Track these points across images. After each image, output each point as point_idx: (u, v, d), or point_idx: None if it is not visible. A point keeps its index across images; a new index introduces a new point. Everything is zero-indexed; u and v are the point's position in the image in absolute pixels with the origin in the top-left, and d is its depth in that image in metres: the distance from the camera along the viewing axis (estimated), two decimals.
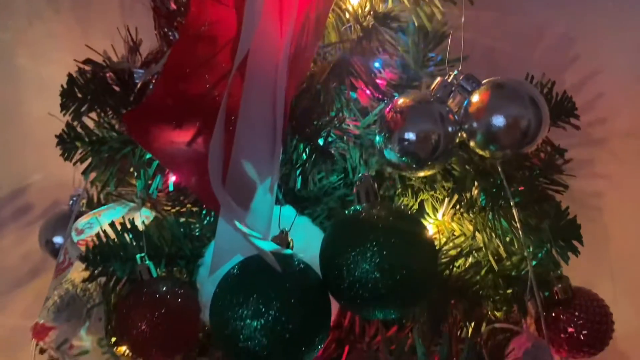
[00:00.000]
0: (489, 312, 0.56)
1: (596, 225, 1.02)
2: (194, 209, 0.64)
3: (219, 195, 0.47)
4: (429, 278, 0.45)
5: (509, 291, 0.55)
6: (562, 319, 0.57)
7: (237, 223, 0.46)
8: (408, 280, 0.43)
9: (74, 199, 0.73)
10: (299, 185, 0.53)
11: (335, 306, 0.48)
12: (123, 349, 0.54)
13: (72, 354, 0.52)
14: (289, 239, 0.49)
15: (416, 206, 0.59)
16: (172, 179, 0.59)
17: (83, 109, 0.62)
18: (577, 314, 0.56)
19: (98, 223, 0.65)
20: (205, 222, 0.63)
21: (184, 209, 0.64)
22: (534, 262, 0.55)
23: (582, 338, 0.56)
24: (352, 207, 0.46)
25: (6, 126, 1.13)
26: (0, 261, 1.15)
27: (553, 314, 0.57)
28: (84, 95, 0.62)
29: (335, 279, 0.44)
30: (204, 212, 0.66)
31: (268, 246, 0.46)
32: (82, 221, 0.66)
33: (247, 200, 0.49)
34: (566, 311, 0.57)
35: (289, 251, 0.47)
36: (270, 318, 0.42)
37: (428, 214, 0.59)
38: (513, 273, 0.57)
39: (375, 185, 0.47)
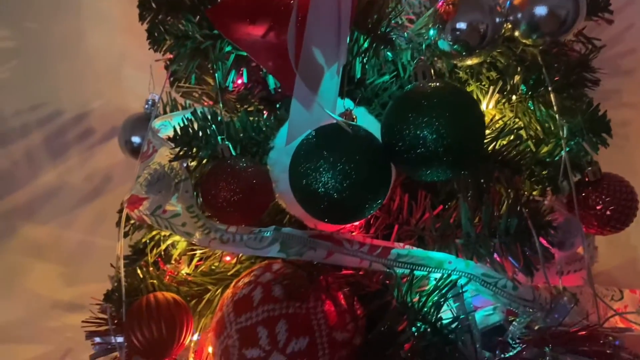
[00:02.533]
0: (526, 192, 0.63)
1: (623, 153, 1.07)
2: (260, 107, 0.72)
3: (294, 75, 0.54)
4: (477, 143, 0.52)
5: (544, 173, 0.62)
6: (591, 198, 0.64)
7: (309, 98, 0.54)
8: (459, 143, 0.50)
9: (150, 102, 0.81)
10: (358, 74, 0.60)
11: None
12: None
13: (165, 217, 0.61)
14: (354, 115, 0.56)
15: None
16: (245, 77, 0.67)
17: (159, 18, 0.70)
18: (605, 193, 0.63)
19: (170, 125, 0.74)
20: (269, 121, 0.71)
21: (251, 108, 0.72)
22: (567, 148, 0.62)
23: (609, 214, 0.63)
24: (412, 84, 0.54)
25: (69, 56, 1.21)
26: (66, 180, 1.25)
27: (583, 194, 0.64)
28: (158, 5, 0.70)
29: (395, 143, 0.51)
30: (267, 114, 0.74)
31: (338, 118, 0.54)
32: (157, 122, 0.74)
33: (317, 82, 0.57)
34: (595, 191, 0.64)
35: (354, 123, 0.55)
36: (340, 169, 0.50)
37: None
38: (548, 159, 0.64)
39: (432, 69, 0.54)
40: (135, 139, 0.79)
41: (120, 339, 0.71)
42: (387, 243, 0.60)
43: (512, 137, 0.59)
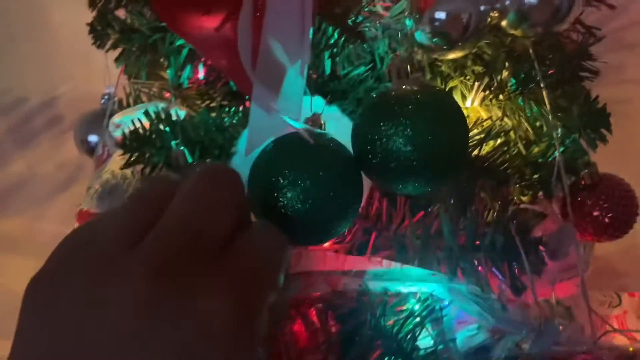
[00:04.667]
0: (515, 198, 0.57)
1: (624, 132, 1.01)
2: (224, 103, 0.65)
3: (251, 76, 0.48)
4: (459, 155, 0.46)
5: (536, 176, 0.56)
6: (587, 204, 0.58)
7: (270, 103, 0.47)
8: (440, 153, 0.44)
9: (106, 96, 0.74)
10: (328, 70, 0.53)
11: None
12: None
13: None
14: (321, 121, 0.50)
15: None
16: (202, 70, 0.60)
17: (111, 5, 0.63)
18: (602, 198, 0.57)
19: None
20: (235, 117, 0.64)
21: (214, 104, 0.66)
22: (561, 148, 0.55)
23: (607, 221, 0.57)
24: (384, 85, 0.47)
25: (32, 36, 1.14)
26: (37, 170, 1.19)
27: (579, 199, 0.58)
28: None
29: (368, 154, 0.45)
30: (233, 108, 0.67)
31: (300, 126, 0.47)
32: (117, 118, 0.68)
33: (278, 83, 0.50)
34: (592, 196, 0.58)
35: (321, 131, 0.48)
36: (302, 187, 0.43)
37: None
38: (540, 160, 0.58)
39: (408, 67, 0.48)
40: (92, 138, 0.73)
41: None
42: (361, 262, 0.54)
43: (500, 141, 0.52)
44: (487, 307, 0.51)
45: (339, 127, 0.54)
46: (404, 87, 0.46)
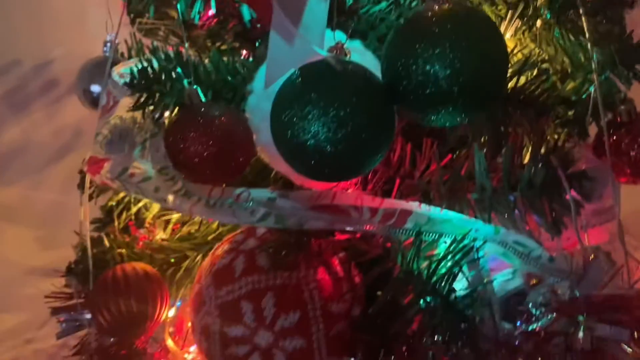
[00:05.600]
0: (549, 137, 0.54)
1: None
2: (235, 45, 0.62)
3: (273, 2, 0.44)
4: (499, 79, 0.43)
5: (570, 113, 0.53)
6: (624, 142, 0.55)
7: (290, 31, 0.44)
8: (480, 76, 0.41)
9: (108, 44, 0.70)
10: (349, 0, 0.50)
11: None
12: None
13: (134, 181, 0.51)
14: (346, 50, 0.46)
15: None
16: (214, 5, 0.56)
17: None
18: None
19: None
20: (248, 59, 0.61)
21: (225, 47, 0.62)
22: (598, 82, 0.52)
23: None
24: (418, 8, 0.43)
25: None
26: (32, 137, 1.15)
27: (615, 137, 0.55)
28: None
29: (401, 80, 0.42)
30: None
31: (325, 53, 0.44)
32: (120, 68, 0.64)
33: (299, 10, 0.46)
34: (629, 134, 0.55)
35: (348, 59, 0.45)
36: (334, 115, 0.40)
37: None
38: (574, 98, 0.55)
39: None
40: (95, 88, 0.69)
41: (88, 316, 0.63)
42: (400, 204, 0.50)
43: (535, 72, 0.49)
44: (533, 259, 0.48)
45: (362, 61, 0.50)
46: (442, 7, 0.42)
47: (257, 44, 0.62)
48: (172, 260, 0.68)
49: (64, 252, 1.20)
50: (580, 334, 0.46)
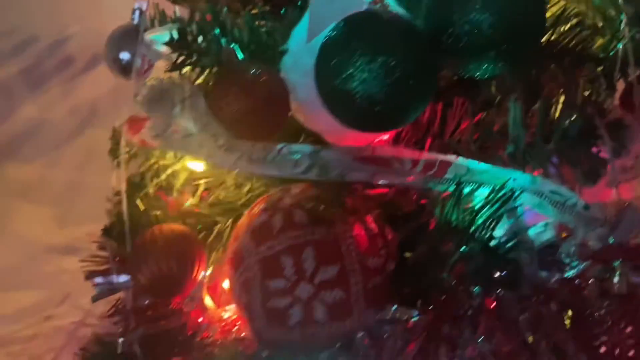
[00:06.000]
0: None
1: None
2: (266, 9, 0.62)
3: None
4: (538, 28, 0.44)
5: (600, 68, 0.54)
6: None
7: None
8: (520, 27, 0.42)
9: (137, 11, 0.71)
10: None
11: None
12: None
13: (177, 138, 0.52)
14: (385, 4, 0.47)
15: None
16: None
17: None
18: None
19: (164, 37, 0.64)
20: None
21: (255, 11, 0.63)
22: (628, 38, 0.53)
23: None
24: None
25: None
26: (47, 115, 1.16)
27: None
28: None
29: (441, 30, 0.43)
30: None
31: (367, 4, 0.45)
32: (154, 33, 0.64)
33: None
34: None
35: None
36: (382, 63, 0.41)
37: None
38: (601, 55, 0.56)
39: None
40: (124, 56, 0.69)
41: (124, 278, 0.64)
42: (439, 156, 0.51)
43: (568, 26, 0.50)
44: (569, 208, 0.49)
45: None
46: None
47: (282, 12, 0.63)
48: (203, 224, 0.69)
49: (81, 230, 1.22)
50: (616, 279, 0.47)
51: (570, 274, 0.49)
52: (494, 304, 0.47)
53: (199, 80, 0.54)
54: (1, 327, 1.23)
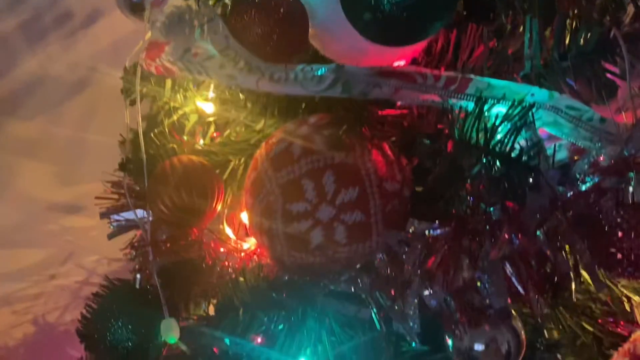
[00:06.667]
0: None
1: None
2: None
3: None
4: None
5: None
6: None
7: None
8: None
9: None
10: None
11: None
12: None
13: (197, 60, 0.53)
14: None
15: None
16: None
17: None
18: None
19: None
20: None
21: None
22: None
23: None
24: None
25: None
26: (47, 71, 1.15)
27: None
28: None
29: None
30: None
31: None
32: None
33: None
34: None
35: None
36: None
37: None
38: None
39: None
40: None
41: (140, 213, 0.65)
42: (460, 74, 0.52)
43: None
44: (584, 122, 0.51)
45: None
46: None
47: None
48: (216, 162, 0.70)
49: (84, 188, 1.21)
50: (631, 189, 0.49)
51: (585, 187, 0.51)
52: (514, 215, 0.48)
53: (218, 5, 0.54)
54: (5, 285, 1.24)
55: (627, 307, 0.71)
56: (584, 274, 0.50)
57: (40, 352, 1.26)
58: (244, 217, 0.65)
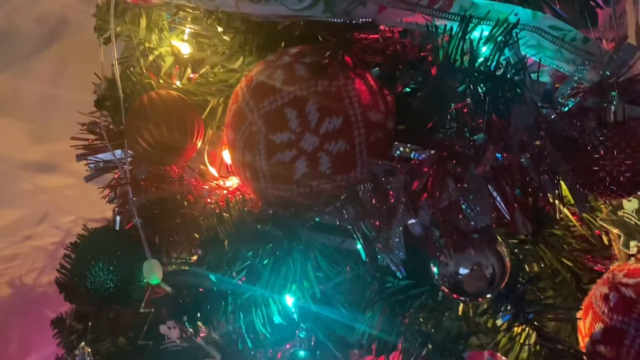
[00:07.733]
0: None
1: None
2: None
3: None
4: None
5: None
6: None
7: None
8: None
9: None
10: None
11: None
12: None
13: None
14: None
15: None
16: None
17: None
18: None
19: None
20: None
21: None
22: None
23: None
24: None
25: None
26: (15, 25, 1.11)
27: None
28: None
29: None
30: None
31: None
32: None
33: None
34: None
35: None
36: None
37: None
38: None
39: None
40: None
41: (119, 152, 0.63)
42: None
43: None
44: (567, 42, 0.50)
45: None
46: None
47: None
48: (195, 102, 0.68)
49: (57, 146, 1.18)
50: (613, 108, 0.49)
51: (567, 108, 0.51)
52: (499, 134, 0.48)
53: None
54: None
55: (606, 241, 0.73)
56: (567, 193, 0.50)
57: (17, 314, 1.24)
58: (226, 155, 0.64)
